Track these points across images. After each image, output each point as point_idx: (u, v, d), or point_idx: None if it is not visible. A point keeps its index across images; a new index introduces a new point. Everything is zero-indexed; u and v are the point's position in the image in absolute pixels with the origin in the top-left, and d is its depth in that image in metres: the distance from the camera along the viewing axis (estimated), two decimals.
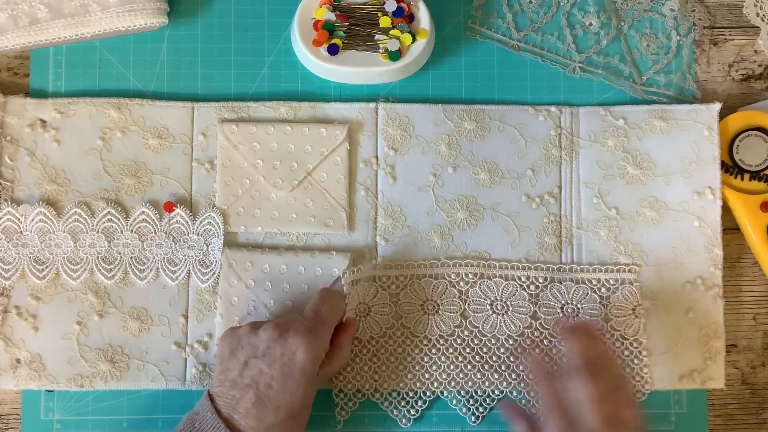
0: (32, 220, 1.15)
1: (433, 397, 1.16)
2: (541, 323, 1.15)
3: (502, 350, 1.15)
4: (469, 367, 1.15)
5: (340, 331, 1.10)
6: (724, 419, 1.21)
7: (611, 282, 1.15)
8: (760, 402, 1.21)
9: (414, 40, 1.17)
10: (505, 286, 1.16)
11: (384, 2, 1.17)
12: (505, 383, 1.15)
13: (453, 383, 1.15)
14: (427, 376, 1.15)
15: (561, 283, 1.16)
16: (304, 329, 1.03)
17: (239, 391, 1.01)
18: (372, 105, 1.20)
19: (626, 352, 1.15)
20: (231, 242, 1.17)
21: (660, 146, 1.20)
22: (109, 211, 1.16)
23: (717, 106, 1.20)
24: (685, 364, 1.17)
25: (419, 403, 1.15)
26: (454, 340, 1.15)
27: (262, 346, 1.02)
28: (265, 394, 1.00)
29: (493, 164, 1.19)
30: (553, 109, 1.21)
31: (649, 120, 1.21)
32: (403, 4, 1.17)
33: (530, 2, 1.25)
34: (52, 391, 1.15)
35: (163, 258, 1.16)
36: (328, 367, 1.07)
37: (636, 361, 1.15)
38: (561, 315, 1.15)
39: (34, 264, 1.15)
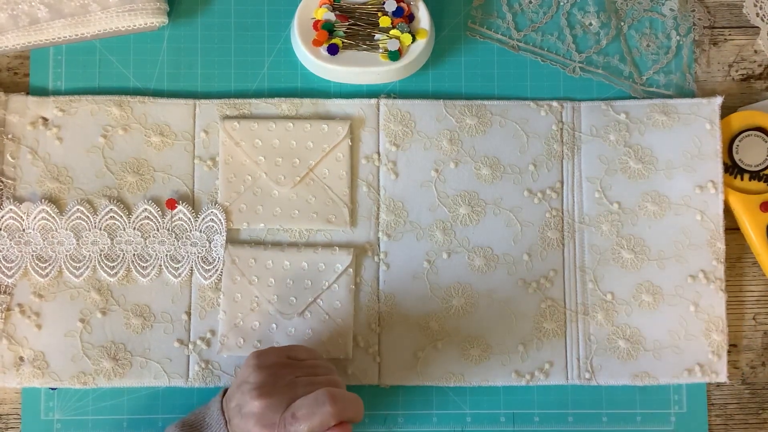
0: (35, 218, 1.20)
1: None
2: None
3: None
4: None
5: None
6: (724, 419, 1.25)
7: None
8: (760, 402, 1.26)
9: (414, 40, 1.22)
10: None
11: (384, 2, 1.23)
12: None
13: None
14: None
15: None
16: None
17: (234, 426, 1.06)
18: (373, 101, 1.25)
19: None
20: (233, 239, 1.22)
21: (662, 140, 1.25)
22: (111, 209, 1.21)
23: (718, 100, 1.25)
24: (689, 358, 1.22)
25: None
26: None
27: (246, 409, 1.05)
28: None
29: (495, 159, 1.24)
30: (554, 104, 1.26)
31: (650, 114, 1.26)
32: (402, 4, 1.22)
33: (530, 2, 1.29)
34: (54, 389, 1.20)
35: (166, 255, 1.21)
36: None
37: None
38: None
39: (36, 262, 1.20)
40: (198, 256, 1.22)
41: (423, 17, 1.24)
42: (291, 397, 1.04)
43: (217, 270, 1.21)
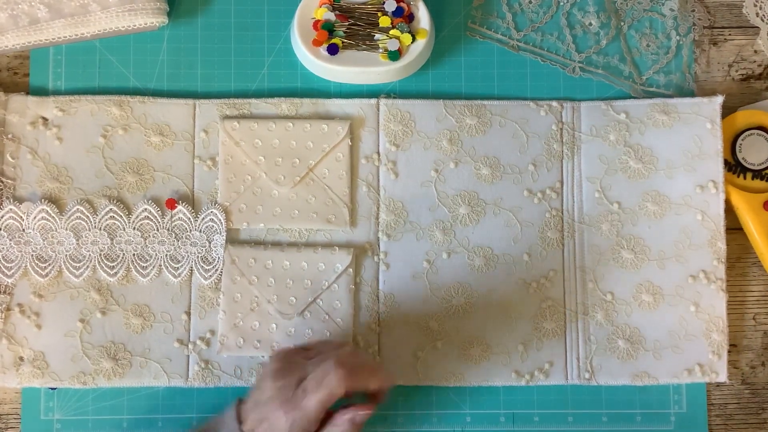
0: (34, 217, 1.21)
1: None
2: None
3: None
4: None
5: (337, 414, 1.07)
6: (724, 419, 1.26)
7: None
8: (760, 402, 1.27)
9: (414, 39, 1.23)
10: None
11: (384, 2, 1.23)
12: None
13: None
14: None
15: None
16: (286, 404, 1.04)
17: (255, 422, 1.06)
18: (373, 101, 1.26)
19: None
20: (233, 239, 1.23)
21: (662, 140, 1.25)
22: (111, 209, 1.21)
23: (719, 99, 1.25)
24: (689, 358, 1.23)
25: None
26: None
27: (264, 396, 1.05)
28: None
29: (495, 159, 1.25)
30: (554, 103, 1.26)
31: (651, 114, 1.26)
32: (402, 4, 1.23)
33: (530, 2, 1.30)
34: (54, 389, 1.20)
35: (166, 255, 1.21)
36: None
37: None
38: None
39: (36, 262, 1.20)
40: (198, 256, 1.22)
41: (423, 17, 1.24)
42: (302, 376, 1.05)
43: (216, 270, 1.22)
